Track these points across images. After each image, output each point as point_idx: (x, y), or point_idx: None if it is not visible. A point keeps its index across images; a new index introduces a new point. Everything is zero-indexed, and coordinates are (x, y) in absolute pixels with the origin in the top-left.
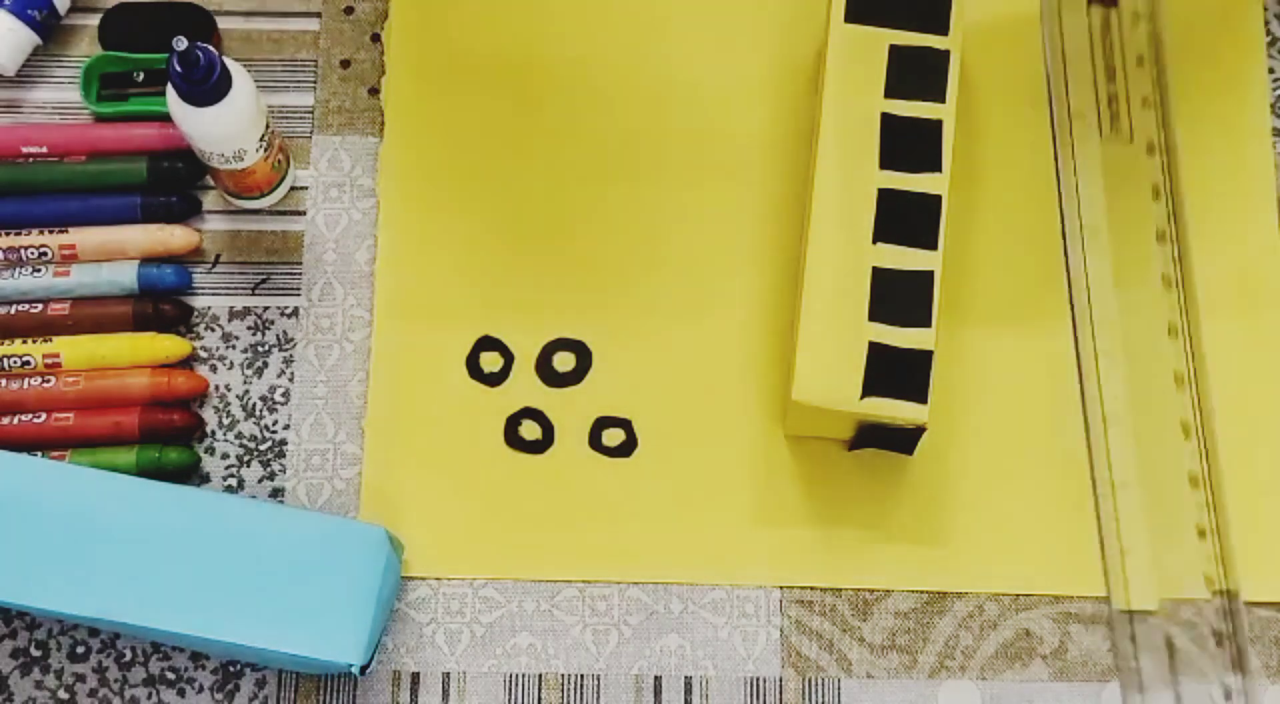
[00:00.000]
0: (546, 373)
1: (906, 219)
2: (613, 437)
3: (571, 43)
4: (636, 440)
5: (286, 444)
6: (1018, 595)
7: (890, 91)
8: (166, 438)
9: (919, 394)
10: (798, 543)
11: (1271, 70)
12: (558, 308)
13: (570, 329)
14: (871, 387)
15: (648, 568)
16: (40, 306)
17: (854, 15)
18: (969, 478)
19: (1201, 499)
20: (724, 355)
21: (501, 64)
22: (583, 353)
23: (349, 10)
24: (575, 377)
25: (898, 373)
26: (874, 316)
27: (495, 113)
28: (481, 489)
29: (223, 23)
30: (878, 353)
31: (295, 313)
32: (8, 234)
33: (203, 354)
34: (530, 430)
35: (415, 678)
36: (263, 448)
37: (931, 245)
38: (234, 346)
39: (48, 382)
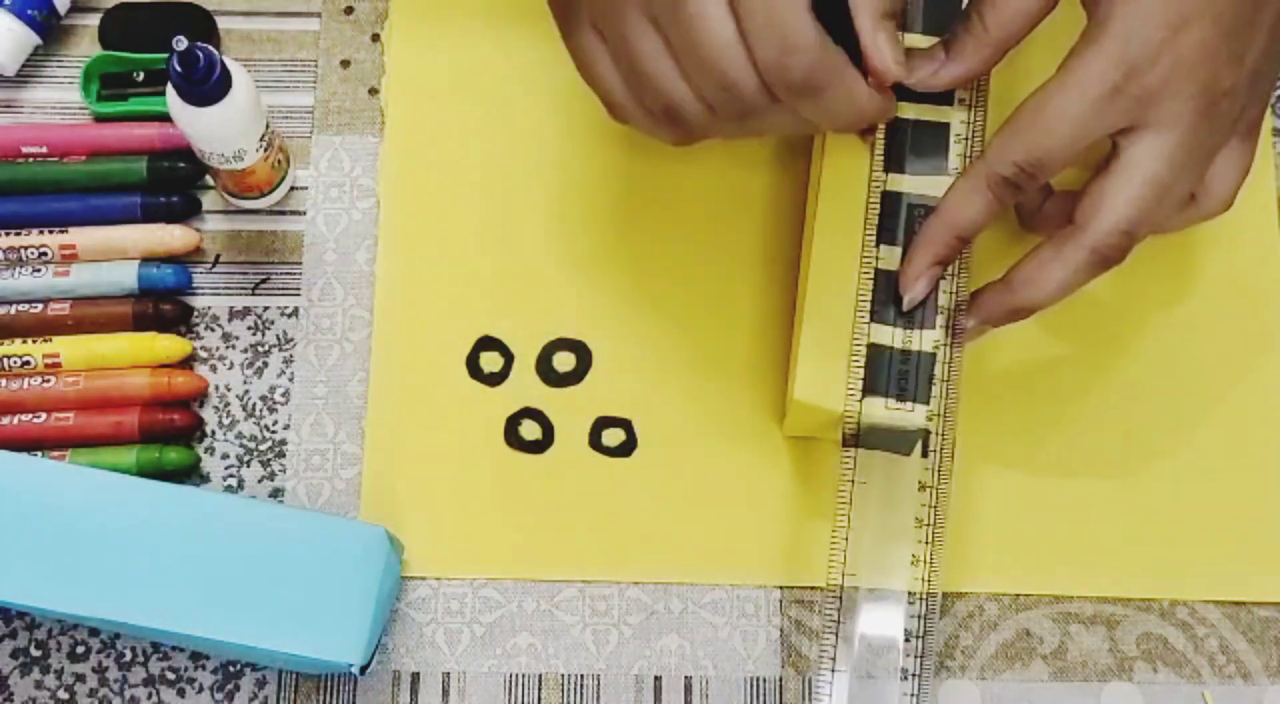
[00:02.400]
0: (546, 373)
1: (910, 222)
2: (613, 436)
3: None
4: (637, 440)
5: (286, 444)
6: (1017, 595)
7: (898, 94)
8: (166, 438)
9: (921, 396)
10: (798, 543)
11: None
12: (558, 308)
13: (570, 329)
14: (872, 387)
15: (647, 568)
16: (40, 306)
17: None
18: (968, 478)
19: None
20: (725, 356)
21: (502, 61)
22: (583, 353)
23: (349, 10)
24: (575, 377)
25: (899, 375)
26: (876, 318)
27: (495, 111)
28: (481, 489)
29: (223, 23)
30: (878, 354)
31: (295, 313)
32: (8, 234)
33: (203, 354)
34: (530, 430)
35: (415, 678)
36: (263, 448)
37: None
38: (234, 347)
39: (48, 382)
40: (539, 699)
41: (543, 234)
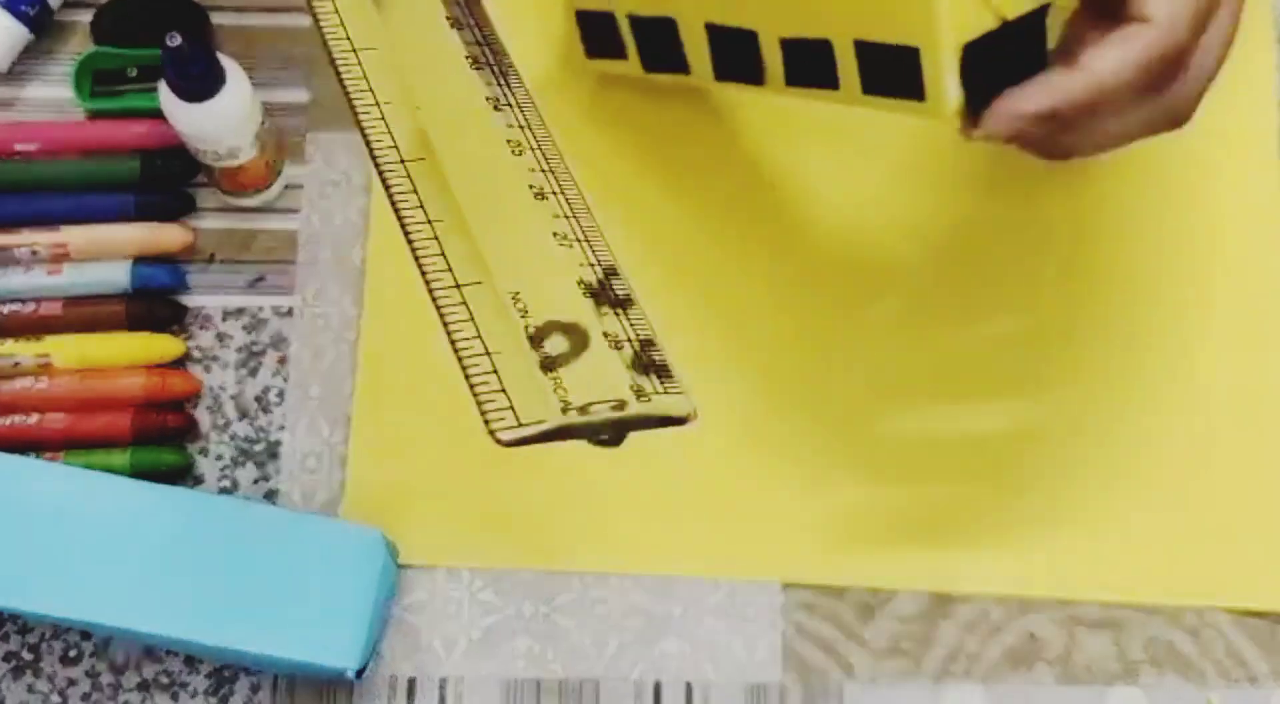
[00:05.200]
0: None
1: None
2: None
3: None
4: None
5: (281, 445)
6: (1022, 599)
7: None
8: (160, 439)
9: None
10: (791, 536)
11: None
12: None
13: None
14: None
15: (638, 559)
16: (32, 306)
17: None
18: (971, 477)
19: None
20: (717, 346)
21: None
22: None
23: None
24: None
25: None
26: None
27: None
28: (468, 477)
29: (216, 18)
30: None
31: (290, 312)
32: None
33: (196, 354)
34: None
35: (411, 683)
36: (257, 449)
37: None
38: (228, 346)
39: (40, 382)
40: None
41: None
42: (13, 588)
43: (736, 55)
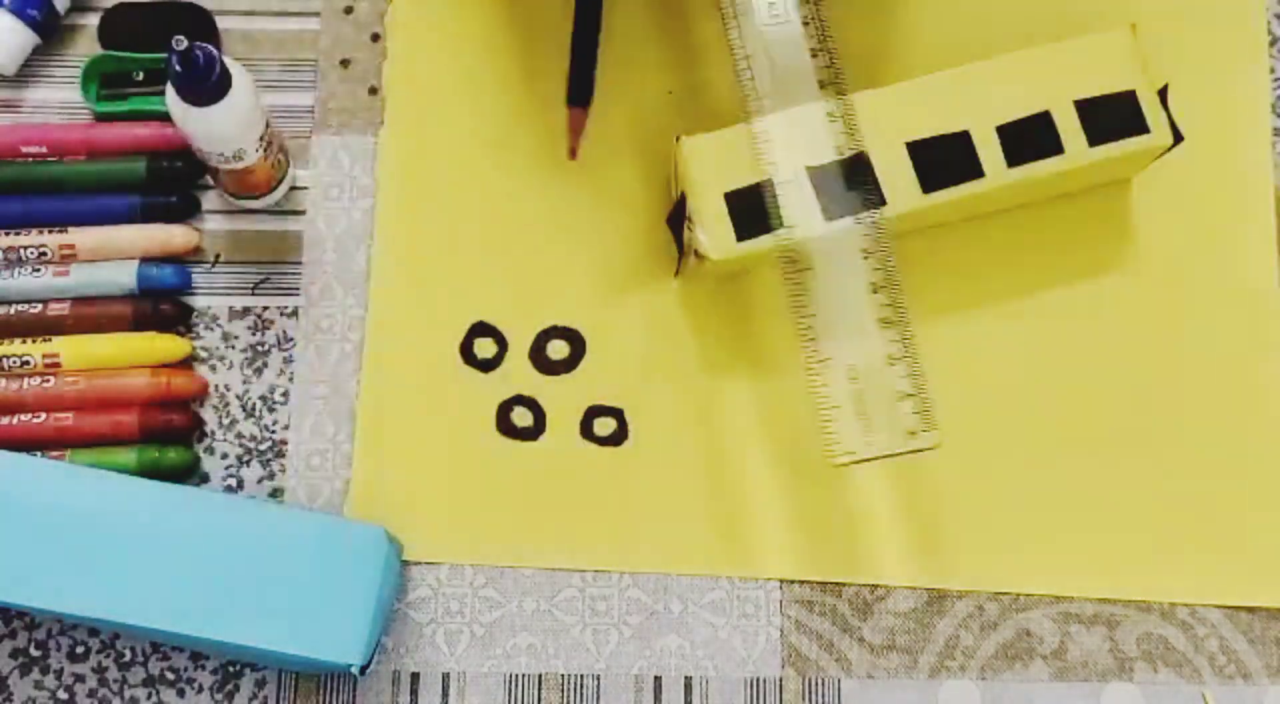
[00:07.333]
0: (540, 360)
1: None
2: (604, 426)
3: (568, 38)
4: (628, 430)
5: (286, 444)
6: (1018, 595)
7: None
8: (166, 438)
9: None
10: (791, 535)
11: (1272, 70)
12: (553, 296)
13: (565, 317)
14: None
15: (639, 558)
16: (40, 306)
17: None
18: (972, 477)
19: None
20: (718, 348)
21: (499, 54)
22: (576, 341)
23: (349, 10)
24: (568, 365)
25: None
26: None
27: (493, 102)
28: (471, 474)
29: (222, 22)
30: None
31: (295, 313)
32: (7, 234)
33: (202, 354)
34: (522, 417)
35: (415, 678)
36: (262, 448)
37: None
38: (234, 346)
39: (47, 381)
40: (539, 699)
41: (540, 221)
42: (20, 585)
43: (948, 161)
